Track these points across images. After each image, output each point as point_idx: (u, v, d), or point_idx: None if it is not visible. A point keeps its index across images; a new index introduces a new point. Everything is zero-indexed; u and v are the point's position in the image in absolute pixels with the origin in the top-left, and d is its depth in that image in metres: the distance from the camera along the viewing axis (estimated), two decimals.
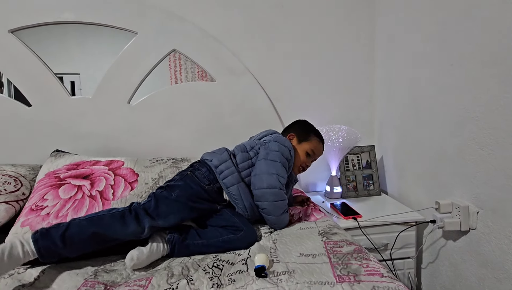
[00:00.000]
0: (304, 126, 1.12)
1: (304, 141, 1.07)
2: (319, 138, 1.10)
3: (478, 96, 0.95)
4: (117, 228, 0.77)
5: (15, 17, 1.21)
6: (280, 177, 0.93)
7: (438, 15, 1.10)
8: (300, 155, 1.06)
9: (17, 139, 1.24)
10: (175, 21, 1.34)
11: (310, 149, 1.07)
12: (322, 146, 1.12)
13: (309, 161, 1.09)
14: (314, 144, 1.08)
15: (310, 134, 1.09)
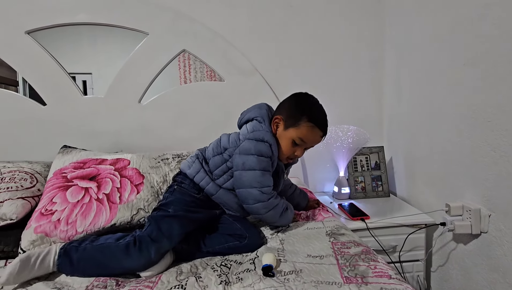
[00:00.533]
0: (297, 106, 0.89)
1: (291, 126, 0.86)
2: (314, 121, 0.87)
3: (490, 97, 0.93)
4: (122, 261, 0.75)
5: (31, 18, 1.25)
6: (264, 187, 0.84)
7: (450, 14, 1.08)
8: (284, 144, 0.88)
9: (33, 137, 1.28)
10: (185, 21, 1.36)
11: (298, 138, 0.86)
12: (319, 131, 0.88)
13: (298, 150, 0.89)
14: (304, 130, 0.86)
15: (301, 118, 0.86)
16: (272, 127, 0.90)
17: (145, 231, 0.80)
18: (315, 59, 1.49)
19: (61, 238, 0.84)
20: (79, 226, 0.86)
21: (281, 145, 0.88)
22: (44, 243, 0.83)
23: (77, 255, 0.75)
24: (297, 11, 1.45)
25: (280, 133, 0.89)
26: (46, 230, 0.84)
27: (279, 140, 0.89)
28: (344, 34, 1.48)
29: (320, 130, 0.89)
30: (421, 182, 1.31)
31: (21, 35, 1.24)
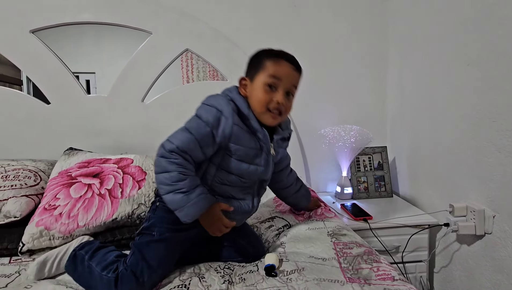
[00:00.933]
0: (255, 56, 0.79)
1: (257, 74, 0.75)
2: (276, 54, 0.76)
3: (495, 98, 0.92)
4: None
5: (36, 18, 1.25)
6: (173, 140, 0.70)
7: (453, 14, 1.07)
8: (257, 93, 0.74)
9: (37, 135, 1.29)
10: (189, 21, 1.36)
11: (268, 77, 0.74)
12: (287, 63, 0.76)
13: (277, 95, 0.74)
14: (270, 67, 0.74)
15: (262, 60, 0.76)
16: (241, 92, 0.78)
17: (128, 262, 0.69)
18: (318, 59, 1.48)
19: (60, 232, 0.84)
20: (81, 220, 0.87)
21: (255, 98, 0.75)
22: (43, 237, 0.83)
23: (80, 267, 0.73)
24: (301, 11, 1.44)
25: (250, 89, 0.77)
26: (46, 223, 0.85)
27: (251, 96, 0.76)
28: (347, 34, 1.48)
29: (288, 62, 0.76)
30: (424, 182, 1.30)
31: (25, 34, 1.25)
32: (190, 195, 0.68)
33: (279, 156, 0.88)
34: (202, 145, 0.71)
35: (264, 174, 0.80)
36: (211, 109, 0.72)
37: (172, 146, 0.69)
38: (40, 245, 0.83)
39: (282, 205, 1.15)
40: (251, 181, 0.80)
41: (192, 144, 0.70)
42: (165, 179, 0.68)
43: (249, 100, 0.77)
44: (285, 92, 0.76)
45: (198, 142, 0.70)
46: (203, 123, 0.71)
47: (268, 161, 0.80)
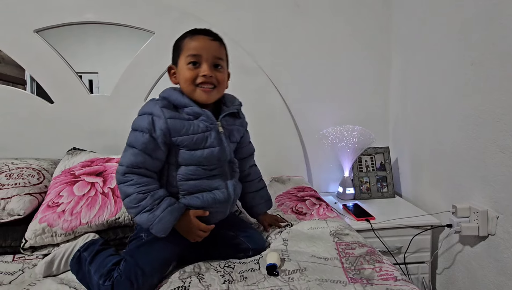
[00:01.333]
0: (175, 42, 0.80)
1: (178, 58, 0.77)
2: (190, 32, 0.77)
3: (499, 97, 0.92)
4: None
5: (40, 17, 1.26)
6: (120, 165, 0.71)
7: (457, 14, 1.06)
8: (183, 72, 0.75)
9: (40, 134, 1.30)
10: (191, 20, 1.36)
11: (188, 55, 0.74)
12: (202, 36, 0.76)
13: (201, 70, 0.74)
14: (188, 45, 0.75)
15: (180, 42, 0.77)
16: (172, 80, 0.81)
17: (122, 269, 0.68)
18: (321, 59, 1.48)
19: (63, 228, 0.85)
20: (84, 217, 0.87)
21: (182, 80, 0.76)
22: (45, 233, 0.84)
23: (83, 268, 0.73)
24: (303, 10, 1.44)
25: (177, 74, 0.78)
26: (49, 220, 0.85)
27: (179, 80, 0.78)
28: (350, 34, 1.48)
29: (203, 34, 0.77)
30: (427, 183, 1.30)
31: (30, 33, 1.26)
32: (155, 212, 0.70)
33: (236, 136, 0.85)
34: (149, 152, 0.72)
35: (222, 153, 0.78)
36: (142, 117, 0.73)
37: (123, 169, 0.71)
38: (43, 242, 0.83)
39: (283, 205, 1.15)
40: (214, 165, 0.78)
41: (140, 157, 0.71)
42: (129, 203, 0.70)
43: (179, 83, 0.78)
44: (210, 64, 0.76)
45: (144, 152, 0.71)
46: (140, 132, 0.72)
47: (221, 139, 0.78)
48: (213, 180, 0.78)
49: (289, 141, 1.47)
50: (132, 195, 0.70)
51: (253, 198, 0.94)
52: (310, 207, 1.10)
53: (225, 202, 0.80)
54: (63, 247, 0.80)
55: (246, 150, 0.94)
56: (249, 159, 0.96)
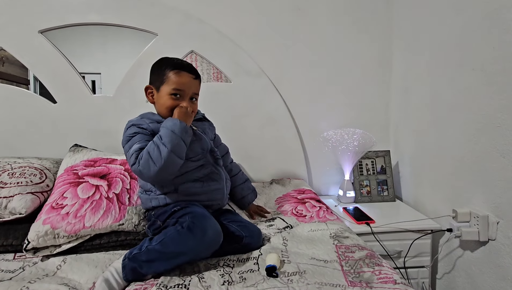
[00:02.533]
0: (157, 66, 0.89)
1: (161, 85, 0.86)
2: (176, 66, 0.86)
3: (500, 102, 0.92)
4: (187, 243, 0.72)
5: (45, 18, 1.28)
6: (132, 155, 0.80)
7: (459, 18, 1.07)
8: (164, 102, 0.86)
9: (43, 134, 1.31)
10: (194, 23, 1.37)
11: (172, 89, 0.85)
12: (187, 74, 0.87)
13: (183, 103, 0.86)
14: (173, 79, 0.85)
15: (164, 71, 0.86)
16: (148, 98, 0.92)
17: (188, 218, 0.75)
18: (322, 62, 1.49)
19: (66, 231, 0.84)
20: (88, 220, 0.87)
21: (161, 105, 0.87)
22: (48, 235, 0.83)
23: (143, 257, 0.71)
24: (305, 14, 1.45)
25: (157, 98, 0.89)
26: (53, 222, 0.85)
27: (158, 103, 0.89)
28: (352, 37, 1.48)
29: (188, 72, 0.87)
30: (427, 187, 1.30)
31: (34, 34, 1.27)
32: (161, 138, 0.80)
33: (209, 134, 1.00)
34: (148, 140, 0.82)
35: (204, 143, 0.91)
36: (127, 130, 0.86)
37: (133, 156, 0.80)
38: (45, 243, 0.83)
39: (283, 207, 1.16)
40: (199, 155, 0.90)
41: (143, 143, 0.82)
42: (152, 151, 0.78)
43: (156, 105, 0.91)
44: (188, 98, 0.88)
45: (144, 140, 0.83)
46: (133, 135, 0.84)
47: (198, 134, 0.92)
48: (203, 168, 0.91)
49: (290, 144, 1.48)
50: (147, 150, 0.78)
51: (242, 189, 1.09)
52: (310, 210, 1.10)
53: (220, 180, 0.92)
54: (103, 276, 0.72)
55: (221, 148, 1.10)
56: (227, 156, 1.12)
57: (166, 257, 0.71)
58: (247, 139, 1.45)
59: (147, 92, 0.91)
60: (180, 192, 0.86)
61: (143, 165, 0.77)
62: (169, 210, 0.84)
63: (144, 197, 0.90)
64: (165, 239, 0.72)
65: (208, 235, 0.72)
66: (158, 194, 0.87)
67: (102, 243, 0.87)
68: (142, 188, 0.91)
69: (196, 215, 0.77)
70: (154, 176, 0.78)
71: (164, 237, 0.72)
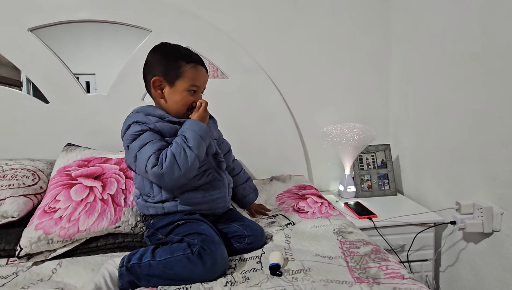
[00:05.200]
0: (167, 56, 0.80)
1: (176, 79, 0.79)
2: (193, 60, 0.81)
3: (501, 93, 0.90)
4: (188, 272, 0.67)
5: (34, 16, 1.24)
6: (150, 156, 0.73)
7: (457, 9, 1.05)
8: (180, 99, 0.80)
9: (35, 135, 1.27)
10: (189, 18, 1.34)
11: (190, 86, 0.80)
12: (202, 68, 0.83)
13: (196, 97, 0.83)
14: (191, 75, 0.80)
15: (180, 65, 0.79)
16: (155, 93, 0.82)
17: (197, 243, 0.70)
18: (320, 57, 1.47)
19: (60, 236, 0.81)
20: (82, 224, 0.84)
21: (176, 102, 0.81)
22: (41, 241, 0.80)
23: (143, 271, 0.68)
24: (302, 8, 1.43)
25: (169, 93, 0.80)
26: (46, 227, 0.82)
27: (171, 99, 0.81)
28: (349, 31, 1.46)
29: (202, 66, 0.83)
30: (429, 180, 1.28)
31: (24, 32, 1.23)
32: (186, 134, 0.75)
33: (214, 133, 0.95)
34: (158, 138, 0.77)
35: (209, 146, 0.84)
36: (130, 128, 0.78)
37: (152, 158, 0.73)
38: (38, 249, 0.80)
39: (284, 203, 1.14)
40: (203, 160, 0.83)
41: (158, 143, 0.75)
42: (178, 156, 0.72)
43: (167, 100, 0.82)
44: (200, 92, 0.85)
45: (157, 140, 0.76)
46: (140, 134, 0.76)
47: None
48: (204, 174, 0.84)
49: (289, 140, 1.46)
50: (172, 153, 0.73)
51: (244, 189, 1.05)
52: (312, 205, 1.09)
53: (223, 187, 0.87)
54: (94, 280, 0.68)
55: (224, 146, 1.05)
56: (229, 154, 1.07)
57: (168, 277, 0.67)
58: (246, 136, 1.42)
59: (155, 85, 0.80)
60: (179, 201, 0.80)
61: (168, 168, 0.71)
62: (171, 224, 0.78)
63: (140, 203, 0.84)
64: (171, 260, 0.68)
65: (217, 265, 0.68)
66: (156, 201, 0.81)
67: (99, 246, 0.84)
68: (139, 192, 0.85)
69: (205, 239, 0.71)
70: (176, 181, 0.73)
71: (170, 257, 0.68)
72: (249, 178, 1.09)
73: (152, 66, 0.81)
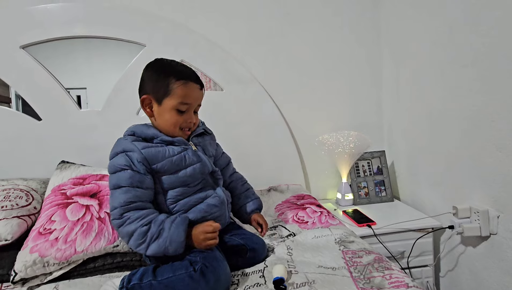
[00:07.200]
0: (157, 73, 0.76)
1: (164, 97, 0.75)
2: (183, 76, 0.76)
3: (493, 98, 0.93)
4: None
5: (26, 33, 1.23)
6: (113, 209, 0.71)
7: (447, 15, 1.09)
8: (168, 118, 0.76)
9: (28, 153, 1.24)
10: (183, 32, 1.35)
11: (178, 103, 0.75)
12: (194, 84, 0.77)
13: (188, 116, 0.78)
14: (180, 92, 0.74)
15: (168, 81, 0.74)
16: (145, 111, 0.79)
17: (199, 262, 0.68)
18: (313, 66, 1.49)
19: (56, 258, 0.79)
20: (79, 245, 0.82)
21: (165, 121, 0.77)
22: (37, 264, 0.77)
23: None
24: (294, 18, 1.46)
25: (158, 111, 0.77)
26: (41, 250, 0.79)
27: (160, 118, 0.77)
28: (341, 40, 1.50)
29: (195, 83, 0.77)
30: (425, 185, 1.30)
31: (15, 49, 1.22)
32: (163, 235, 0.69)
33: (210, 150, 0.89)
34: (138, 185, 0.72)
35: (204, 166, 0.80)
36: (116, 157, 0.74)
37: (117, 211, 0.70)
38: (34, 273, 0.77)
39: (283, 214, 1.13)
40: (198, 180, 0.80)
41: (131, 192, 0.71)
42: (135, 240, 0.69)
43: (156, 119, 0.79)
44: (193, 112, 0.80)
45: (133, 186, 0.71)
46: (120, 172, 0.72)
47: (199, 155, 0.81)
48: (201, 192, 0.81)
49: (285, 149, 1.46)
50: (136, 231, 0.69)
51: (239, 198, 0.96)
52: (312, 215, 1.08)
53: (221, 204, 0.82)
54: None
55: (222, 160, 0.99)
56: (227, 168, 1.00)
57: None
58: (242, 147, 1.42)
59: (144, 103, 0.78)
60: None
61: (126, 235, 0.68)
62: None
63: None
64: (173, 279, 0.66)
65: (221, 281, 0.67)
66: None
67: (96, 266, 0.82)
68: None
69: (207, 256, 0.70)
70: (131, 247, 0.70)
71: (172, 276, 0.66)
72: (249, 189, 1.01)
73: (144, 83, 0.79)
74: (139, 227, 0.69)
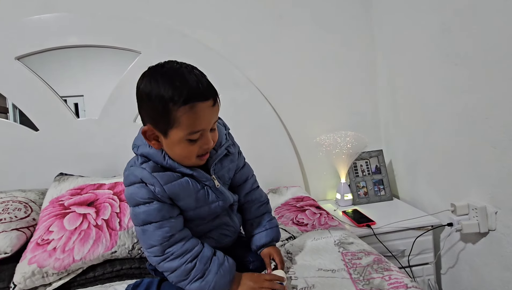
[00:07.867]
0: (152, 99, 0.57)
1: (170, 128, 0.59)
2: (188, 98, 0.56)
3: (486, 95, 0.94)
4: None
5: (21, 44, 1.23)
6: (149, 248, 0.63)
7: (437, 17, 1.10)
8: (180, 150, 0.62)
9: (26, 164, 1.25)
10: (178, 37, 1.36)
11: (189, 133, 0.59)
12: (203, 103, 0.58)
13: (204, 141, 0.61)
14: (187, 120, 0.57)
15: (170, 109, 0.56)
16: (151, 144, 0.63)
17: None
18: (308, 68, 1.50)
19: (55, 268, 0.79)
20: (77, 253, 0.82)
21: (177, 155, 0.63)
22: (36, 275, 0.77)
23: None
24: (287, 21, 1.46)
25: (165, 144, 0.62)
26: (39, 261, 0.79)
27: (170, 151, 0.63)
28: (335, 42, 1.50)
29: (203, 101, 0.58)
30: (423, 183, 1.31)
31: (10, 61, 1.22)
32: (207, 278, 0.63)
33: (229, 175, 0.76)
34: (169, 216, 0.64)
35: (226, 203, 0.71)
36: (135, 188, 0.63)
37: (157, 249, 0.63)
38: (33, 284, 0.77)
39: (283, 217, 1.13)
40: (217, 212, 0.72)
41: (165, 226, 0.63)
42: (178, 277, 0.63)
43: (167, 151, 0.64)
44: (209, 132, 0.63)
45: (165, 219, 0.63)
46: (144, 205, 0.62)
47: (221, 191, 0.70)
48: (214, 221, 0.73)
49: (283, 151, 1.47)
50: (180, 268, 0.63)
51: (251, 225, 0.80)
52: (311, 217, 1.09)
53: (234, 234, 0.78)
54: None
55: (238, 177, 0.80)
56: (243, 186, 0.81)
57: None
58: None
59: (147, 136, 0.62)
60: None
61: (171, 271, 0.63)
62: None
63: None
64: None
65: None
66: None
67: (96, 276, 0.82)
68: None
69: None
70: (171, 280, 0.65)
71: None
72: (265, 213, 0.82)
73: (140, 108, 0.62)
74: (183, 264, 0.63)
